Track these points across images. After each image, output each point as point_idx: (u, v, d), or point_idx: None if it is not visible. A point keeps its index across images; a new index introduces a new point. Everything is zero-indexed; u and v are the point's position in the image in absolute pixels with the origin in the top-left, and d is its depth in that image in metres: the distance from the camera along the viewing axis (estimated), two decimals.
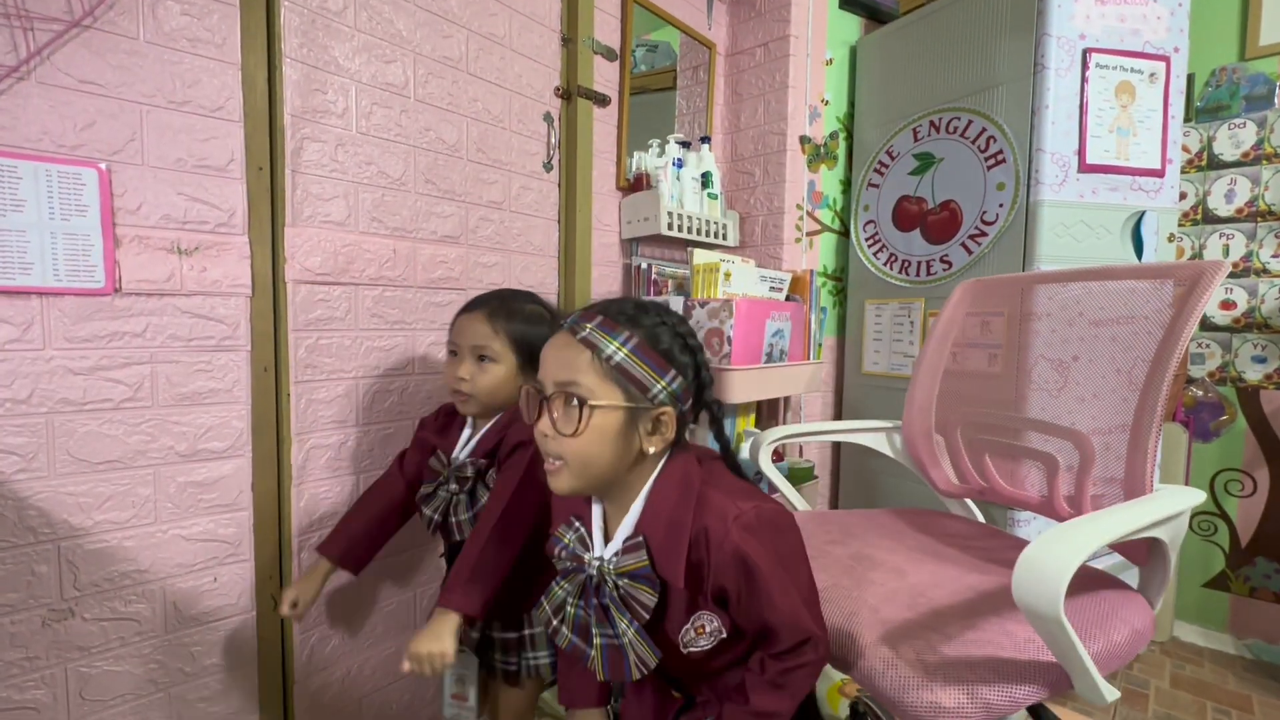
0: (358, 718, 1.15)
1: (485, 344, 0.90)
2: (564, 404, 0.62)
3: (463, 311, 0.94)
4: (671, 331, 0.64)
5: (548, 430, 0.62)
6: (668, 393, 0.63)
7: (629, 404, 0.61)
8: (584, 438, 0.60)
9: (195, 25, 0.88)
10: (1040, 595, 0.58)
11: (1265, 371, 1.74)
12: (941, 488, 1.12)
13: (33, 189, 0.76)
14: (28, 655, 0.80)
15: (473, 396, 0.90)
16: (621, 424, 0.61)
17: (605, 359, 0.61)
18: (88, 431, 0.83)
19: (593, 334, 0.62)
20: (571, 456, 0.62)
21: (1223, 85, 1.78)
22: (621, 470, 0.64)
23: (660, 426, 0.63)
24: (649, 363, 0.62)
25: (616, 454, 0.62)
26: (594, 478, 0.63)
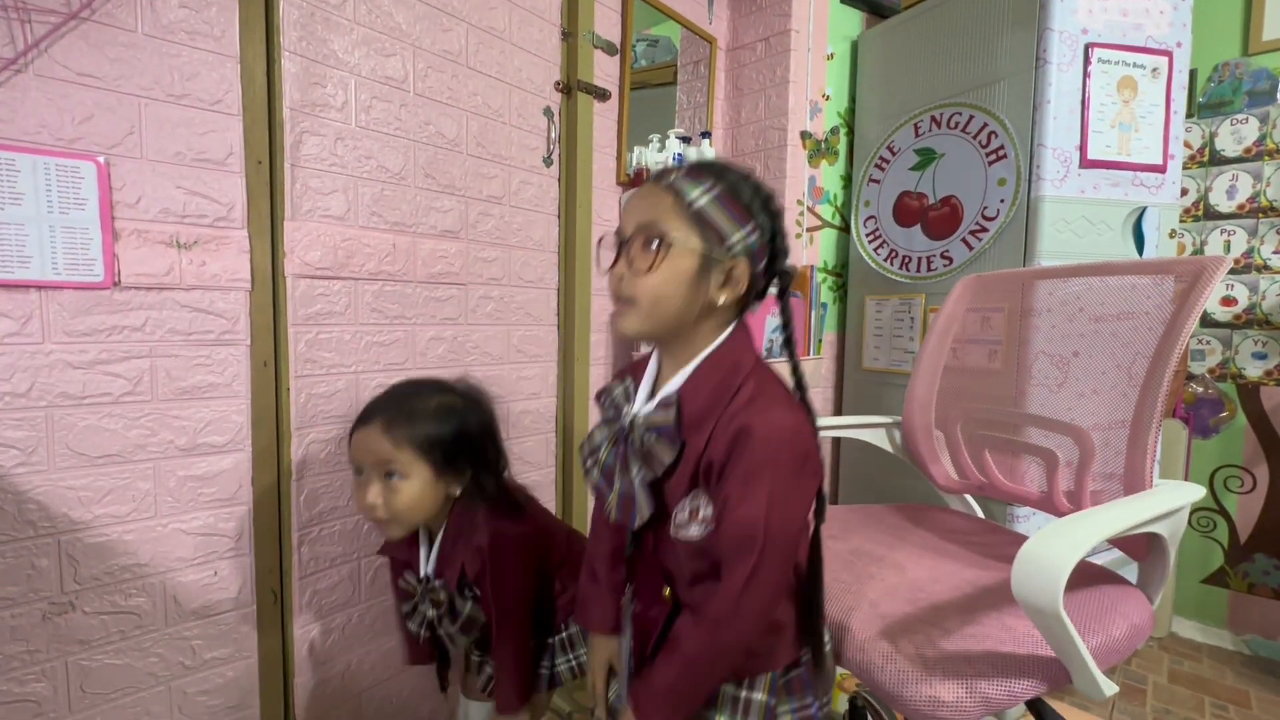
0: (358, 712, 1.15)
1: (389, 460, 0.81)
2: (642, 245, 0.62)
3: (357, 425, 0.85)
4: (754, 189, 0.64)
5: (623, 271, 0.64)
6: (744, 246, 0.63)
7: (705, 249, 0.62)
8: (658, 275, 0.61)
9: (194, 18, 0.88)
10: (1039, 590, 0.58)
11: (1266, 368, 1.74)
12: (941, 483, 1.12)
13: (31, 182, 0.76)
14: (28, 648, 0.80)
15: (393, 520, 0.83)
16: (696, 268, 0.62)
17: (687, 204, 0.61)
18: (87, 425, 0.83)
19: (678, 181, 0.63)
20: (643, 295, 0.62)
21: (1225, 81, 1.78)
22: (688, 319, 0.64)
23: (732, 280, 0.64)
24: (729, 212, 0.62)
25: (687, 298, 0.63)
26: (661, 319, 0.63)
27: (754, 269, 0.64)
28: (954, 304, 1.12)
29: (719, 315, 0.66)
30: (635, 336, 0.66)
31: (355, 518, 1.11)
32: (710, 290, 0.63)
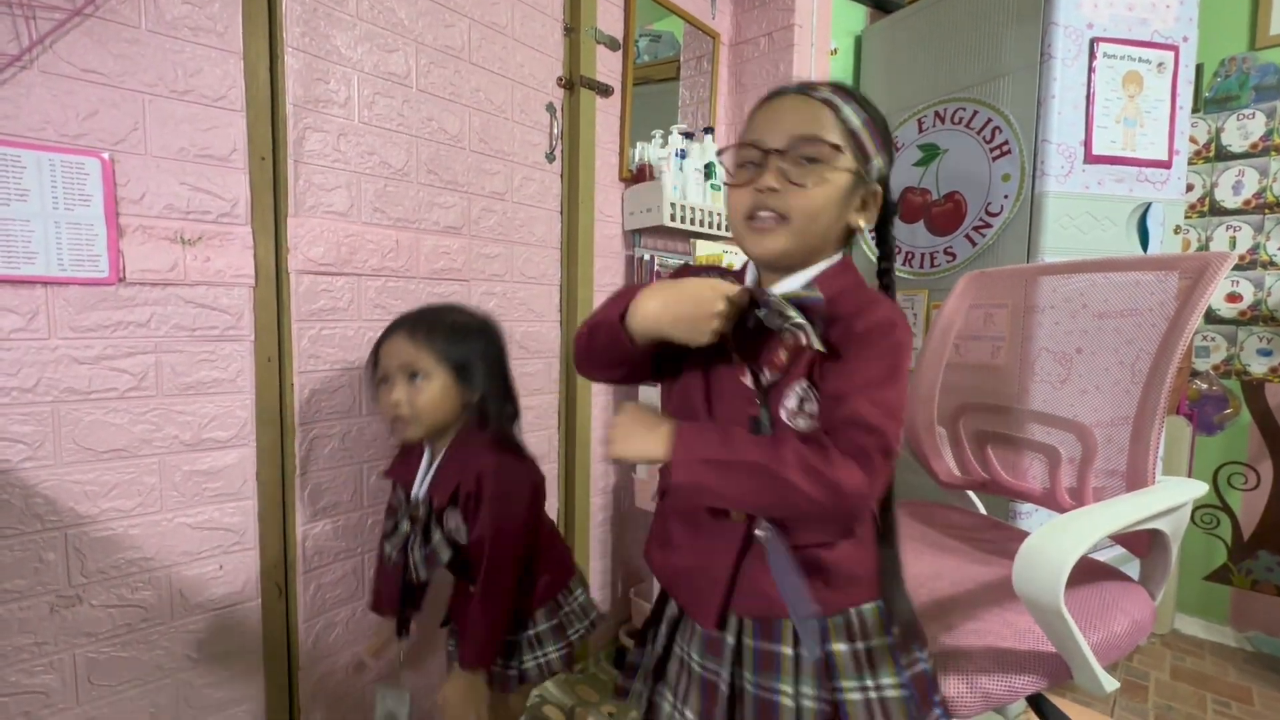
0: (362, 705, 1.16)
1: (411, 362, 0.87)
2: (802, 160, 0.58)
3: (382, 337, 0.91)
4: (884, 117, 0.64)
5: (777, 182, 0.58)
6: (881, 172, 0.62)
7: (858, 169, 0.60)
8: (821, 190, 0.58)
9: (197, 14, 0.88)
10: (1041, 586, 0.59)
11: (1271, 365, 1.73)
12: (943, 479, 1.12)
13: (36, 178, 0.77)
14: (36, 641, 0.81)
15: (415, 419, 0.87)
16: (848, 187, 0.60)
17: (844, 120, 0.59)
18: (93, 420, 0.84)
19: (833, 96, 0.60)
20: (798, 212, 0.59)
21: (1232, 75, 1.76)
22: (830, 240, 0.62)
23: (869, 204, 0.63)
24: (874, 136, 0.61)
25: (837, 217, 0.61)
26: (810, 236, 0.60)
27: (887, 196, 0.64)
28: (957, 300, 1.12)
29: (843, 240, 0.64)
30: (778, 256, 0.61)
31: (359, 512, 1.12)
32: (852, 212, 0.62)
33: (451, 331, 0.90)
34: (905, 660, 0.61)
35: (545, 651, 0.96)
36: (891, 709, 0.59)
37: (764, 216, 0.60)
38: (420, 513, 0.92)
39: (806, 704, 0.60)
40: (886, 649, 0.60)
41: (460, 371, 0.89)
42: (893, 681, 0.60)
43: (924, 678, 0.62)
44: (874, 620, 0.61)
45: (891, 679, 0.60)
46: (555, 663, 0.96)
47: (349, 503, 1.11)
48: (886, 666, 0.60)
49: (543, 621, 0.96)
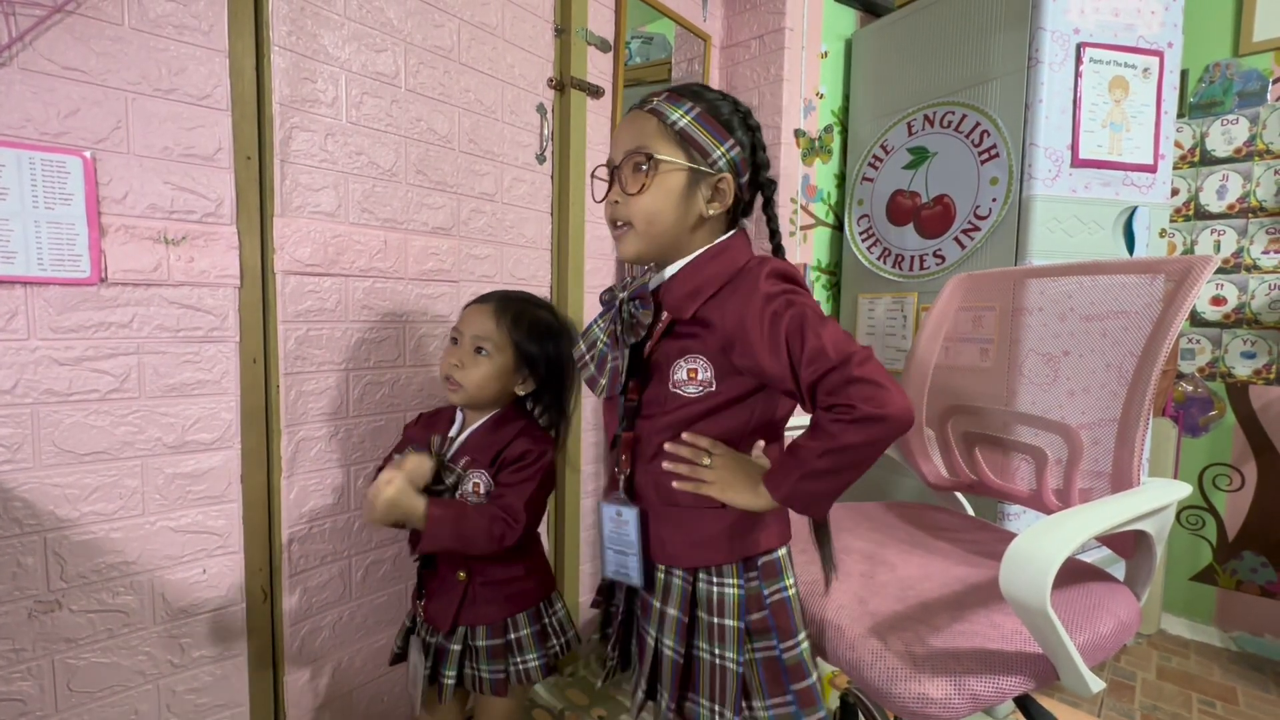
0: (349, 709, 1.15)
1: (485, 336, 0.91)
2: (632, 169, 0.66)
3: (474, 301, 0.96)
4: (732, 106, 0.68)
5: (617, 196, 0.68)
6: (727, 160, 0.67)
7: (691, 165, 0.65)
8: (649, 194, 0.66)
9: (181, 11, 0.87)
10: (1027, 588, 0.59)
11: (1254, 367, 1.75)
12: (931, 481, 1.13)
13: (15, 177, 0.75)
14: (14, 647, 0.80)
15: (462, 386, 0.91)
16: (685, 184, 0.66)
17: (670, 124, 0.65)
18: (74, 423, 0.82)
19: (659, 104, 0.67)
20: (637, 216, 0.66)
21: (1216, 81, 1.79)
22: (682, 233, 0.68)
23: (719, 194, 0.67)
24: (710, 129, 0.66)
25: (679, 213, 0.66)
26: (657, 237, 0.67)
27: (739, 181, 0.68)
28: (945, 302, 1.13)
29: (711, 227, 0.69)
30: (635, 257, 0.70)
31: (346, 515, 1.11)
32: (699, 204, 0.67)
33: (532, 326, 0.93)
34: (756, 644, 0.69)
35: (525, 659, 0.94)
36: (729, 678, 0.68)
37: (618, 225, 0.69)
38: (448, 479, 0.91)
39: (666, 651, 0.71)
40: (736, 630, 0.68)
41: (522, 364, 0.93)
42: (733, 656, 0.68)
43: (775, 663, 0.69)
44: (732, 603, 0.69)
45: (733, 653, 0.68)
46: (534, 671, 0.95)
47: (336, 506, 1.10)
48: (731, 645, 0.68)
49: (525, 627, 0.95)
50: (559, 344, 0.96)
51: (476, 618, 0.93)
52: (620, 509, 0.72)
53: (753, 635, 0.69)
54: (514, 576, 0.94)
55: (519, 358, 0.92)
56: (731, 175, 0.67)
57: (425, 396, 1.20)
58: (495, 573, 0.93)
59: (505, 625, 0.94)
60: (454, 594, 0.93)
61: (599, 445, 1.58)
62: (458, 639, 0.93)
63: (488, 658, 0.93)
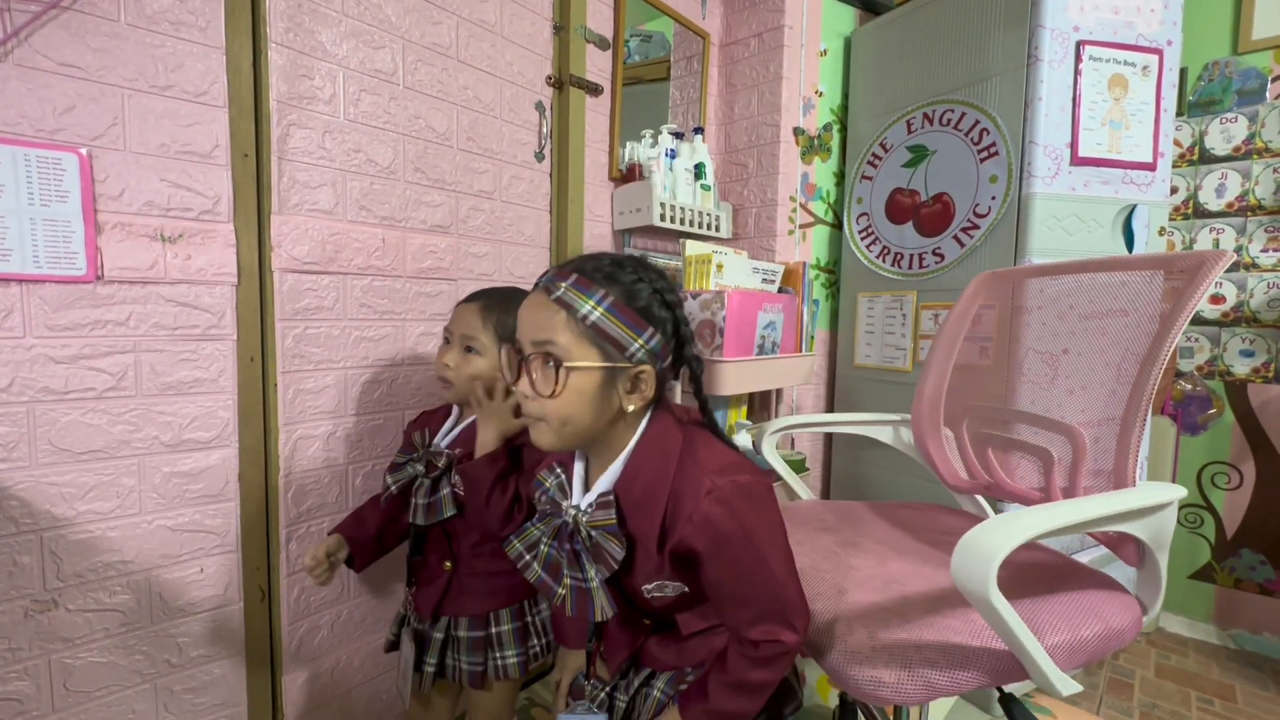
0: (347, 709, 1.15)
1: (473, 335, 0.91)
2: (541, 364, 0.61)
3: (462, 301, 0.96)
4: (650, 288, 0.63)
5: (527, 391, 0.62)
6: (646, 351, 0.62)
7: (606, 364, 0.61)
8: (562, 399, 0.60)
9: (178, 8, 0.86)
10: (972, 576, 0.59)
11: (1253, 365, 1.75)
12: (950, 482, 1.11)
13: (11, 174, 0.75)
14: (10, 646, 0.79)
15: (454, 384, 0.92)
16: (599, 384, 0.61)
17: (581, 318, 0.60)
18: (70, 421, 0.82)
19: (567, 293, 0.60)
20: (551, 416, 0.62)
21: (1215, 79, 1.79)
22: (601, 428, 0.64)
23: (639, 385, 0.63)
24: (626, 321, 0.61)
25: (595, 413, 0.62)
26: (573, 435, 0.63)
27: (659, 368, 0.63)
28: (968, 301, 1.11)
29: (633, 415, 0.65)
30: (555, 451, 0.66)
31: (344, 513, 1.10)
32: (618, 399, 0.63)
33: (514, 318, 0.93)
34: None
35: (505, 654, 0.94)
36: None
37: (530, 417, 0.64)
38: (439, 461, 0.92)
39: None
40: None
41: None
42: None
43: None
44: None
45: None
46: (512, 668, 0.94)
47: (334, 504, 1.09)
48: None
49: (506, 623, 0.95)
50: None
51: (460, 608, 0.94)
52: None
53: None
54: (500, 570, 0.94)
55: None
56: (651, 366, 0.62)
57: (424, 395, 1.20)
58: (481, 564, 0.94)
59: (487, 618, 0.95)
60: (439, 582, 0.95)
61: None
62: (440, 628, 0.94)
63: (468, 649, 0.94)
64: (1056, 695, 0.65)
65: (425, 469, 0.93)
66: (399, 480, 0.94)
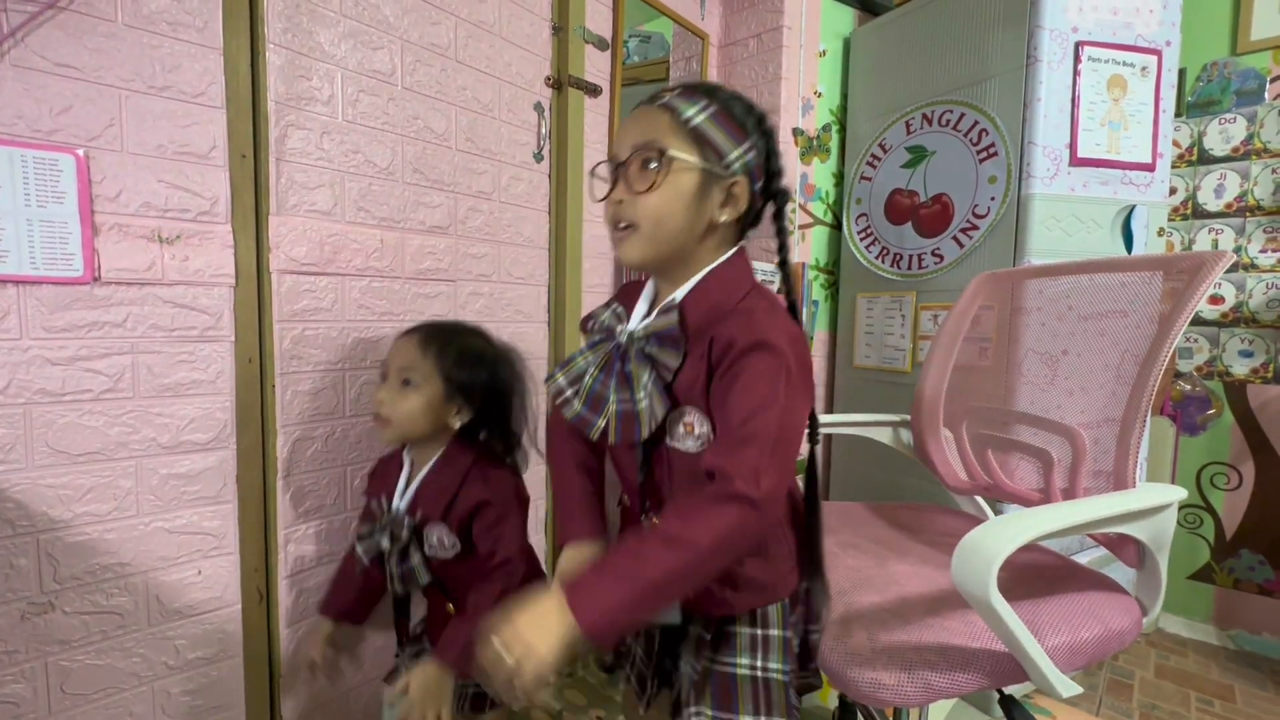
0: (345, 712, 1.14)
1: (411, 367, 0.88)
2: (640, 166, 0.61)
3: (401, 334, 0.93)
4: (747, 107, 0.64)
5: (621, 195, 0.62)
6: (742, 163, 0.62)
7: (705, 165, 0.61)
8: (659, 194, 0.60)
9: (176, 8, 0.86)
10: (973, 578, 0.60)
11: (1252, 366, 1.75)
12: (951, 484, 1.11)
13: (7, 175, 0.75)
14: (7, 649, 0.79)
15: (391, 422, 0.88)
16: (697, 186, 0.61)
17: (684, 120, 0.60)
18: (67, 423, 0.82)
19: (673, 100, 0.62)
20: (644, 217, 0.61)
21: (1214, 80, 1.79)
22: (690, 240, 0.63)
23: (733, 198, 0.63)
24: (726, 130, 0.61)
25: (689, 217, 0.61)
26: (664, 241, 0.62)
27: (752, 187, 0.63)
28: (967, 302, 1.11)
29: (719, 237, 0.65)
30: (638, 263, 0.65)
31: (342, 516, 1.10)
32: (712, 209, 0.62)
33: (460, 354, 0.90)
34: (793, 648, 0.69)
35: None
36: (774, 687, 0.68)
37: (618, 228, 0.64)
38: (401, 532, 0.89)
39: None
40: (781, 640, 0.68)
41: (454, 393, 0.89)
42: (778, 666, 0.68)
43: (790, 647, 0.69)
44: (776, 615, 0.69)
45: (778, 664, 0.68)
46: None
47: (332, 506, 1.09)
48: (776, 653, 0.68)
49: None
50: (495, 369, 0.93)
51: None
52: None
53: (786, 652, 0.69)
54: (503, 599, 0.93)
55: (449, 387, 0.88)
56: (746, 179, 0.62)
57: None
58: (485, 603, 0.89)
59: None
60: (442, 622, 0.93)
61: None
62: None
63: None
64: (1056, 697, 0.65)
65: (390, 540, 0.89)
66: (370, 553, 0.91)
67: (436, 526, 0.89)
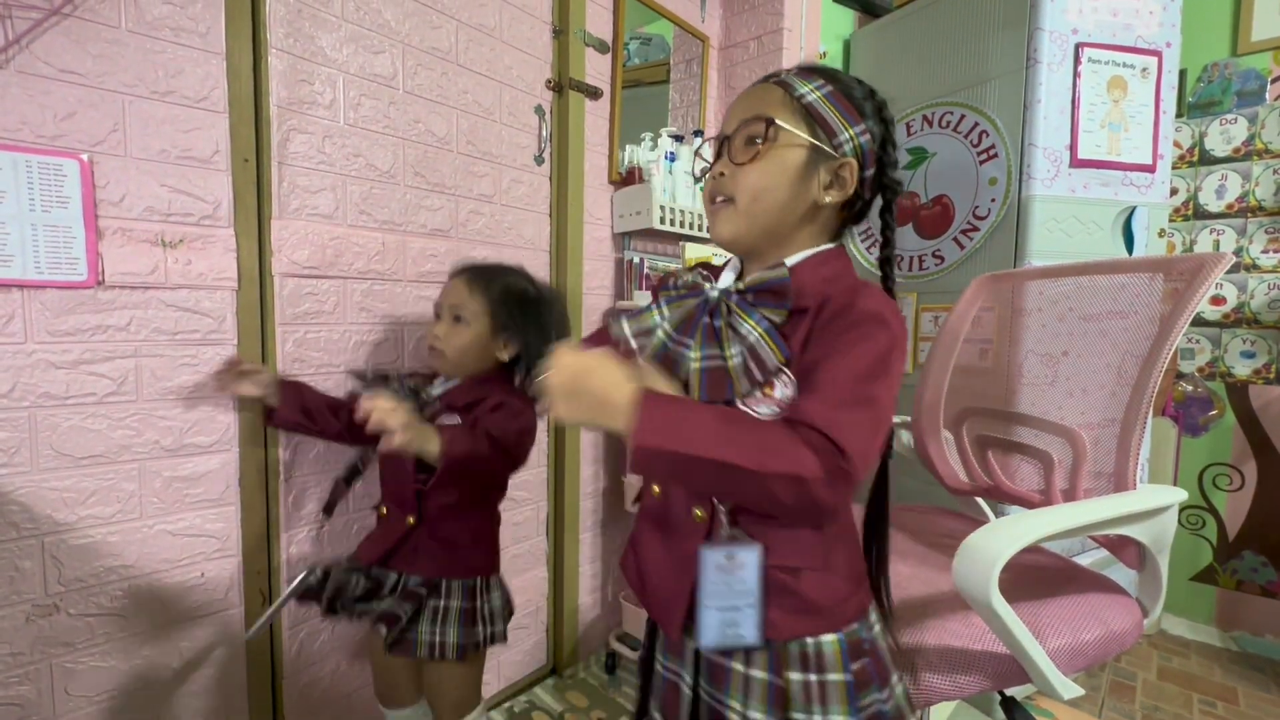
0: (347, 712, 1.14)
1: (461, 305, 0.93)
2: (745, 141, 0.58)
3: (451, 275, 0.98)
4: (868, 91, 0.61)
5: (723, 167, 0.59)
6: (854, 145, 0.58)
7: (814, 141, 0.57)
8: (761, 165, 0.57)
9: (178, 14, 0.87)
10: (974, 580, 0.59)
11: (1254, 367, 1.75)
12: (950, 485, 1.11)
13: (12, 180, 0.75)
14: (11, 651, 0.80)
15: (445, 354, 0.93)
16: (803, 162, 0.58)
17: (798, 96, 0.58)
18: (71, 426, 0.82)
19: (788, 76, 0.60)
20: (743, 189, 0.58)
21: (1214, 81, 1.79)
22: (789, 219, 0.59)
23: (839, 180, 0.59)
24: (841, 109, 0.58)
25: (790, 193, 0.58)
26: (761, 218, 0.58)
27: (862, 173, 0.59)
28: (968, 303, 1.11)
29: (820, 223, 0.61)
30: (729, 241, 0.61)
31: (343, 517, 1.11)
32: (815, 189, 0.58)
33: (506, 292, 0.95)
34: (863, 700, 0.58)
35: (445, 631, 0.90)
36: None
37: (718, 200, 0.61)
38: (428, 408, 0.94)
39: None
40: (843, 685, 0.57)
41: (500, 329, 0.94)
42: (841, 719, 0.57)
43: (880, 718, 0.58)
44: (833, 653, 0.58)
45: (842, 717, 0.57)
46: (451, 648, 0.90)
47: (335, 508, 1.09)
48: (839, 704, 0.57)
49: (456, 598, 0.92)
50: (539, 309, 0.97)
51: (411, 564, 0.92)
52: (733, 550, 0.57)
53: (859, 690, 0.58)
54: (460, 539, 0.94)
55: (495, 324, 0.94)
56: (856, 163, 0.58)
57: None
58: (446, 528, 0.93)
59: (439, 587, 0.92)
60: (394, 535, 0.92)
61: (597, 445, 1.58)
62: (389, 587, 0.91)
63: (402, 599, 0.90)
64: (1058, 699, 0.65)
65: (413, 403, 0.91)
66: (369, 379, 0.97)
67: (449, 415, 0.92)
